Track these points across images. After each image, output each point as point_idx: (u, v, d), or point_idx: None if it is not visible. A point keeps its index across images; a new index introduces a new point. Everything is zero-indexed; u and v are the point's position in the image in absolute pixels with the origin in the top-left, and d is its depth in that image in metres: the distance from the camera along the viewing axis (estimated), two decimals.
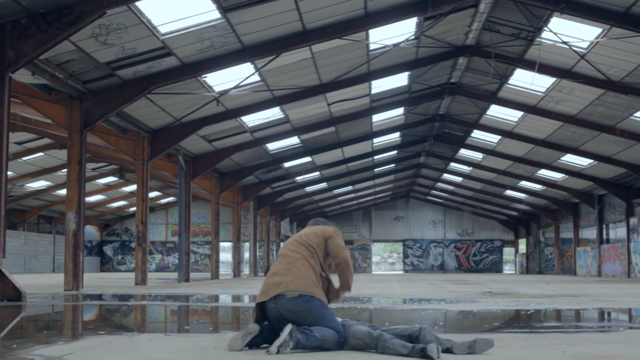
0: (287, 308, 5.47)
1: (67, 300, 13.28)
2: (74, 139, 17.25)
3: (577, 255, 42.29)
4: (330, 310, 5.63)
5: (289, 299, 5.48)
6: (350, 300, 12.65)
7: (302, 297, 5.47)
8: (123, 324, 8.70)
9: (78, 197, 16.97)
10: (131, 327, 8.26)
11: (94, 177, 38.49)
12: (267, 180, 36.36)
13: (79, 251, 16.80)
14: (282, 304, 5.48)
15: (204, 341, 6.09)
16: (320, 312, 5.51)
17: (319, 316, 5.51)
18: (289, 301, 5.48)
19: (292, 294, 5.47)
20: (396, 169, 43.55)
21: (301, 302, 5.47)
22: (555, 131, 28.45)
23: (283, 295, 5.50)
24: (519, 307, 11.00)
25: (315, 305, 5.50)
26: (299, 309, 5.46)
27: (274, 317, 5.58)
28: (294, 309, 5.46)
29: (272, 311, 5.55)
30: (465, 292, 16.23)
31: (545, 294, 15.72)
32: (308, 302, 5.48)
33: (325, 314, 5.56)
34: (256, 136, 26.80)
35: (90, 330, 7.40)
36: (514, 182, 41.93)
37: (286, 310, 5.48)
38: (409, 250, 57.85)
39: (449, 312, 9.92)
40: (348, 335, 5.53)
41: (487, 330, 7.45)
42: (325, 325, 5.50)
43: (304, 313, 5.47)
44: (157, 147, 22.04)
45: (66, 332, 7.19)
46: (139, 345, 5.81)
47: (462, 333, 7.07)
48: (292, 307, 5.47)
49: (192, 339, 6.33)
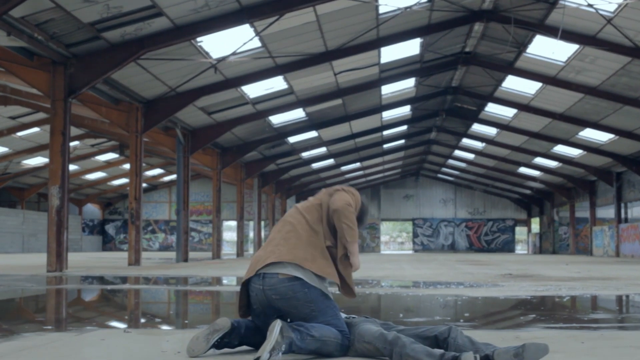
0: (278, 291, 4.13)
1: (40, 284, 11.96)
2: (58, 107, 15.90)
3: (593, 234, 40.82)
4: (333, 302, 4.26)
5: (282, 279, 4.13)
6: (355, 285, 11.27)
7: (300, 279, 4.13)
8: (85, 315, 7.34)
9: (62, 170, 15.67)
10: (93, 319, 6.90)
11: (93, 154, 37.24)
12: (271, 156, 34.91)
13: (62, 229, 15.52)
14: (271, 285, 4.13)
15: (169, 341, 4.76)
16: (320, 303, 4.17)
17: (319, 308, 4.16)
18: (281, 282, 4.13)
19: (287, 272, 4.14)
20: (406, 145, 42.07)
21: (297, 285, 4.12)
22: (575, 104, 26.93)
23: (274, 275, 4.14)
24: (550, 292, 9.62)
25: (315, 294, 4.15)
26: (294, 294, 4.11)
27: (259, 303, 4.22)
28: (286, 292, 4.12)
29: (258, 294, 4.19)
30: (483, 275, 14.89)
31: (572, 276, 14.36)
32: (307, 288, 4.13)
33: (326, 307, 4.20)
34: (258, 108, 25.32)
35: (37, 324, 6.04)
36: (529, 159, 40.44)
37: (276, 294, 4.13)
38: (419, 229, 56.38)
39: (472, 300, 8.52)
40: (354, 337, 4.17)
41: (524, 323, 6.06)
42: (325, 321, 4.14)
43: (300, 301, 4.13)
44: (152, 118, 20.62)
45: (5, 327, 5.83)
46: (81, 349, 4.45)
47: (497, 329, 5.68)
48: (284, 290, 4.12)
49: (155, 338, 4.97)
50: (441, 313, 7.00)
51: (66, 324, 6.21)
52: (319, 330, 4.03)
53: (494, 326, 6.00)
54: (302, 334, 3.94)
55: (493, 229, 56.01)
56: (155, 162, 41.90)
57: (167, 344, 4.62)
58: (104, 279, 13.62)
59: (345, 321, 4.34)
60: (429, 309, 7.44)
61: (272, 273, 4.16)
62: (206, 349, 4.06)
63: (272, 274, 4.15)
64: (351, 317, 4.50)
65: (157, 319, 6.67)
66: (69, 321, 6.56)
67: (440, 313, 7.00)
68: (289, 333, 3.86)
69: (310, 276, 4.16)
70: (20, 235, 41.26)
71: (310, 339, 3.96)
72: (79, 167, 41.05)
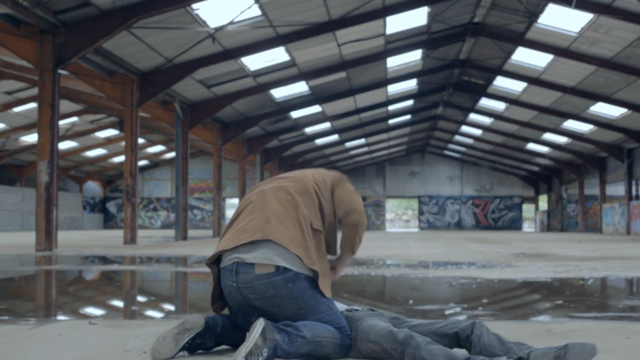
0: (255, 289, 3.33)
1: (24, 264, 11.21)
2: (46, 78, 15.07)
3: (603, 212, 39.96)
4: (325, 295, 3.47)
5: (259, 275, 3.32)
6: (360, 265, 10.49)
7: (282, 272, 3.32)
8: (57, 301, 6.57)
9: (51, 144, 14.86)
10: (63, 306, 6.13)
11: (93, 130, 36.44)
12: (273, 132, 34.04)
13: (51, 206, 14.72)
14: (247, 282, 3.33)
15: (138, 337, 3.99)
16: (309, 298, 3.37)
17: (308, 306, 3.37)
18: (258, 279, 3.32)
19: (264, 262, 3.33)
20: (412, 120, 41.14)
21: (279, 281, 3.31)
22: (587, 77, 25.99)
23: (248, 270, 3.34)
24: (571, 274, 8.84)
25: (301, 287, 3.36)
26: (275, 291, 3.31)
27: (235, 301, 3.44)
28: (265, 291, 3.32)
29: (232, 291, 3.40)
30: (495, 254, 14.12)
31: (588, 255, 13.58)
32: (290, 282, 3.32)
33: (318, 302, 3.40)
34: (259, 81, 24.43)
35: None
36: (537, 135, 39.50)
37: (253, 293, 3.33)
38: (425, 207, 55.48)
39: (487, 283, 7.73)
40: (357, 336, 3.39)
41: (552, 312, 5.27)
42: (319, 319, 3.35)
43: (283, 300, 3.34)
44: (148, 91, 19.77)
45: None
46: (28, 348, 3.68)
47: (522, 320, 4.89)
48: (263, 288, 3.32)
49: (123, 332, 4.19)
50: (456, 298, 6.22)
51: (27, 313, 5.45)
52: (312, 329, 3.25)
53: (517, 315, 5.21)
54: (291, 335, 3.16)
55: (500, 206, 55.11)
56: (157, 138, 41.09)
57: (134, 341, 3.85)
58: (93, 259, 12.88)
59: (346, 315, 3.56)
60: (441, 294, 6.67)
61: (247, 265, 3.35)
62: (175, 351, 3.27)
63: (246, 269, 3.35)
64: (353, 310, 3.72)
65: (133, 306, 5.90)
66: (34, 309, 5.80)
67: (455, 298, 6.23)
68: (273, 335, 3.09)
69: (293, 261, 3.37)
70: (19, 213, 40.59)
71: (301, 341, 3.18)
72: (79, 144, 40.29)
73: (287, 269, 3.31)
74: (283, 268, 3.31)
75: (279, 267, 3.31)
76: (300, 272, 3.33)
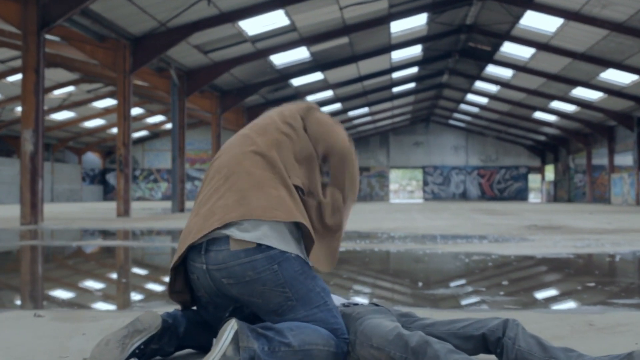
0: (231, 271, 2.52)
1: (2, 240, 10.46)
2: (30, 41, 14.21)
3: (612, 182, 39.07)
4: (319, 281, 2.66)
5: (236, 253, 2.52)
6: (362, 238, 9.72)
7: (266, 249, 2.54)
8: (18, 283, 5.80)
9: (36, 112, 14.10)
10: (14, 292, 5.37)
11: (90, 100, 35.58)
12: (274, 100, 33.05)
13: (37, 177, 13.97)
14: (219, 262, 2.53)
15: (86, 334, 3.23)
16: (300, 285, 2.58)
17: (298, 295, 2.58)
18: (234, 257, 2.51)
19: (241, 240, 2.53)
20: (416, 89, 40.14)
21: (262, 260, 2.51)
22: (598, 42, 25.00)
23: (222, 246, 2.55)
24: (593, 249, 8.07)
25: (291, 270, 2.56)
26: (256, 274, 2.51)
27: (205, 289, 2.65)
28: (244, 273, 2.52)
29: (201, 276, 2.61)
30: (505, 226, 13.37)
31: (604, 228, 12.82)
32: (276, 263, 2.52)
33: (310, 291, 2.61)
34: (258, 47, 23.49)
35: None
36: (545, 104, 38.50)
37: (228, 277, 2.53)
38: (429, 177, 54.56)
39: (504, 260, 6.96)
40: (355, 339, 2.62)
41: (587, 297, 4.48)
42: (309, 315, 2.57)
43: (266, 286, 2.54)
44: (141, 57, 18.90)
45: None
46: None
47: (555, 309, 4.11)
48: (240, 269, 2.52)
49: (70, 328, 3.43)
50: (470, 280, 5.44)
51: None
52: (300, 333, 2.47)
53: (546, 302, 4.42)
54: (272, 343, 2.39)
55: (506, 176, 54.20)
56: (156, 108, 40.22)
57: (80, 340, 3.09)
58: (77, 233, 12.13)
59: (342, 312, 2.79)
60: (453, 275, 5.88)
61: (220, 240, 2.56)
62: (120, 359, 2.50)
63: (218, 245, 2.55)
64: (351, 305, 2.94)
65: (98, 292, 5.12)
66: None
67: (469, 280, 5.44)
68: (248, 342, 2.33)
69: (280, 233, 2.58)
70: (16, 186, 39.73)
71: (286, 350, 2.41)
72: (76, 114, 39.45)
73: (269, 247, 2.53)
74: (267, 245, 2.53)
75: (260, 245, 2.52)
76: (286, 250, 2.55)
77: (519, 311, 3.88)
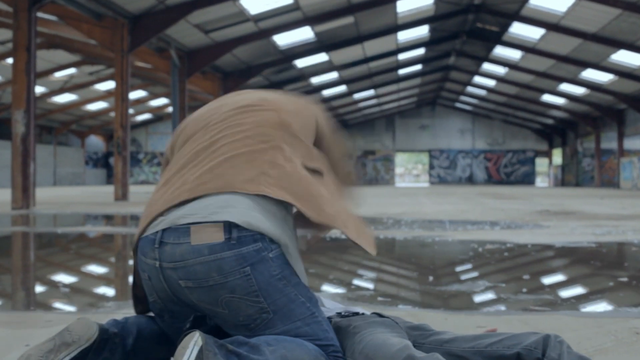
0: (190, 271, 1.96)
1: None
2: (21, 19, 13.65)
3: (621, 166, 38.38)
4: (303, 288, 2.09)
5: (198, 247, 1.95)
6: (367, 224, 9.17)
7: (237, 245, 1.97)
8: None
9: (27, 92, 13.54)
10: None
11: (92, 82, 34.99)
12: (278, 82, 32.43)
13: (28, 160, 13.45)
14: (176, 258, 1.97)
15: (29, 345, 2.70)
16: (278, 294, 2.01)
17: (277, 306, 2.02)
18: (196, 252, 1.95)
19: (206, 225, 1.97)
20: (422, 71, 39.43)
21: (230, 259, 1.93)
22: (610, 22, 24.30)
23: (181, 237, 1.99)
24: (615, 237, 7.51)
25: (266, 275, 1.99)
26: (222, 278, 1.94)
27: (157, 293, 2.08)
28: (207, 275, 1.96)
29: (152, 276, 2.05)
30: (516, 211, 12.81)
31: (620, 213, 12.25)
32: (249, 263, 1.96)
33: (292, 302, 2.04)
34: (261, 27, 22.84)
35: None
36: (553, 86, 37.76)
37: (186, 278, 1.97)
38: (435, 161, 53.88)
39: (520, 249, 6.40)
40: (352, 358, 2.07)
41: (620, 295, 3.92)
42: (290, 332, 2.01)
43: (235, 294, 1.98)
44: (139, 36, 18.29)
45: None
46: None
47: (589, 312, 3.54)
48: (203, 269, 1.95)
49: (12, 335, 2.91)
50: (486, 273, 4.88)
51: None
52: (280, 348, 1.92)
53: (577, 303, 3.85)
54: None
55: (513, 160, 53.52)
56: (160, 91, 39.62)
57: (20, 353, 2.53)
58: (67, 218, 11.60)
59: (337, 324, 2.24)
60: (466, 267, 5.32)
61: (178, 230, 2.00)
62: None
63: (176, 237, 1.98)
64: (349, 314, 2.39)
65: (65, 287, 4.55)
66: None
67: (485, 273, 4.88)
68: None
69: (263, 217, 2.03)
70: None
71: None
72: (79, 97, 38.90)
73: (245, 235, 1.96)
74: (238, 237, 1.96)
75: (231, 236, 1.96)
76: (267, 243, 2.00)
77: (548, 314, 3.32)
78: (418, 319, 3.06)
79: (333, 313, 2.39)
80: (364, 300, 3.74)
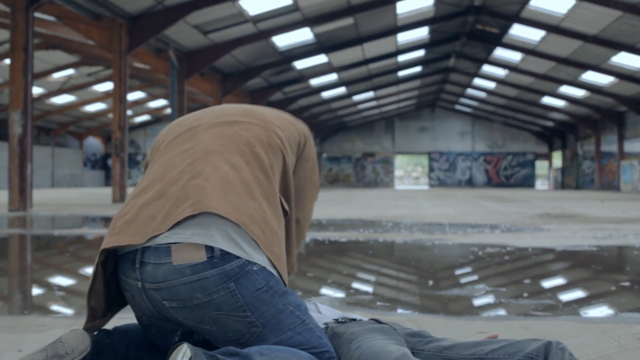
0: (172, 293, 1.87)
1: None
2: (19, 19, 13.57)
3: (621, 169, 38.32)
4: (292, 297, 2.00)
5: (179, 268, 1.86)
6: (367, 227, 9.09)
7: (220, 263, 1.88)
8: None
9: (24, 92, 13.45)
10: None
11: (91, 83, 34.87)
12: (277, 83, 32.35)
13: (26, 162, 13.35)
14: (158, 279, 1.89)
15: (24, 350, 2.62)
16: (266, 306, 1.93)
17: (266, 319, 1.93)
18: (178, 274, 1.86)
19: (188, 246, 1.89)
20: (422, 73, 39.35)
21: (215, 279, 1.85)
22: (611, 24, 24.23)
23: (162, 259, 1.89)
24: (617, 240, 7.44)
25: (252, 289, 1.91)
26: (207, 297, 1.86)
27: (142, 312, 1.99)
28: (191, 296, 1.87)
29: (136, 296, 1.95)
30: (516, 214, 12.74)
31: (621, 217, 12.17)
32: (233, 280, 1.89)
33: (281, 313, 1.95)
34: (260, 28, 22.76)
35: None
36: (553, 88, 37.68)
37: (170, 299, 1.88)
38: (435, 163, 53.77)
39: (520, 253, 6.32)
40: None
41: (623, 299, 3.84)
42: (283, 343, 1.92)
43: (222, 312, 1.89)
44: (138, 37, 18.18)
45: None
46: None
47: (591, 317, 3.46)
48: (186, 290, 1.86)
49: (8, 341, 2.83)
50: (486, 277, 4.80)
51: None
52: (273, 357, 1.83)
53: (579, 308, 3.77)
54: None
55: (513, 163, 53.44)
56: (158, 92, 39.52)
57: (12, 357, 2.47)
58: (64, 220, 11.52)
59: (333, 331, 2.16)
60: (466, 271, 5.24)
61: (160, 250, 1.90)
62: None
63: (157, 257, 1.89)
64: (346, 321, 2.31)
65: (60, 291, 4.47)
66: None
67: (485, 277, 4.81)
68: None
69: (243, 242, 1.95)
70: None
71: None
72: (77, 98, 38.79)
73: (228, 254, 1.89)
74: (221, 255, 1.88)
75: (213, 255, 1.88)
76: (250, 259, 1.91)
77: (550, 319, 3.24)
78: (418, 324, 2.99)
79: (330, 319, 2.31)
80: (363, 305, 3.67)
